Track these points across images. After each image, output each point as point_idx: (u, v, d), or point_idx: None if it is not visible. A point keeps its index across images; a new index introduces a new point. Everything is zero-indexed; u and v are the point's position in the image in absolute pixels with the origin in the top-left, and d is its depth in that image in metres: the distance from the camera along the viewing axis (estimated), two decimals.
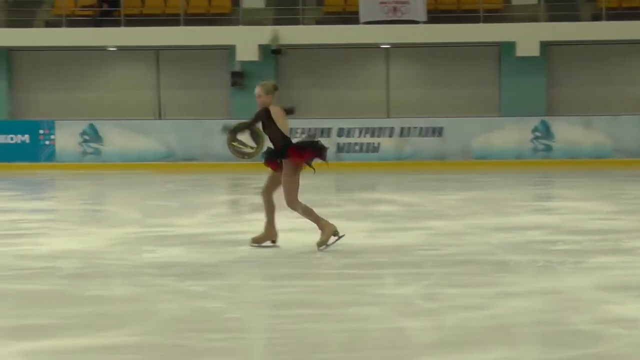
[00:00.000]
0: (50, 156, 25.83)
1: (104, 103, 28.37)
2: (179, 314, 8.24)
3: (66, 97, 28.45)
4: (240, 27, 27.33)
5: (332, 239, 11.39)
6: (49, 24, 28.10)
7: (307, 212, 11.46)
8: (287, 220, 13.64)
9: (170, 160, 25.74)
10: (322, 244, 11.34)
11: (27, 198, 19.43)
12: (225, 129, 12.13)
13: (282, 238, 11.91)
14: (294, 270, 10.43)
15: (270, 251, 11.62)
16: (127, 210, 16.60)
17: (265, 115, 11.62)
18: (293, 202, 11.40)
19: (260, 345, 7.54)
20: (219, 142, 25.66)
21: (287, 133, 11.62)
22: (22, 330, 7.68)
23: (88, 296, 9.05)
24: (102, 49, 27.89)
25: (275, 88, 11.71)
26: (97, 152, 25.87)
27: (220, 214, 16.66)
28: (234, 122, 12.19)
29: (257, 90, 11.73)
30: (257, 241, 11.74)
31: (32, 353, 6.94)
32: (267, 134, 11.75)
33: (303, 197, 11.61)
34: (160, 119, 27.97)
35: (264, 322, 8.27)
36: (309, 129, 25.50)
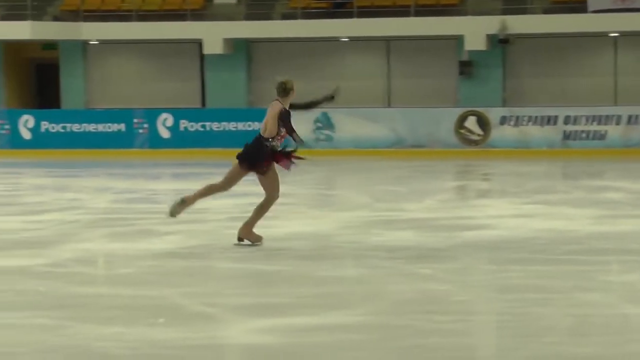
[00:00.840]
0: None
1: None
2: (406, 296, 8.25)
3: (301, 86, 28.55)
4: (469, 17, 27.13)
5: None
6: (285, 16, 28.54)
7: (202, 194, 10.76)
8: (513, 207, 13.51)
9: (399, 147, 25.76)
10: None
11: None
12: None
13: (509, 224, 11.72)
14: (521, 255, 10.28)
15: (497, 236, 11.49)
16: (358, 194, 16.72)
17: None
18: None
19: (487, 328, 7.48)
20: (446, 130, 25.62)
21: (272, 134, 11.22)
22: (259, 308, 7.82)
23: (320, 276, 9.16)
24: (335, 39, 28.15)
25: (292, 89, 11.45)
26: (329, 139, 26.14)
27: (448, 199, 16.58)
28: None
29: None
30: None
31: (269, 330, 7.06)
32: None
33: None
34: (389, 107, 28.06)
35: (491, 305, 8.19)
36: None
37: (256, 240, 10.60)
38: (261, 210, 10.68)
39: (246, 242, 10.59)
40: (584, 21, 26.51)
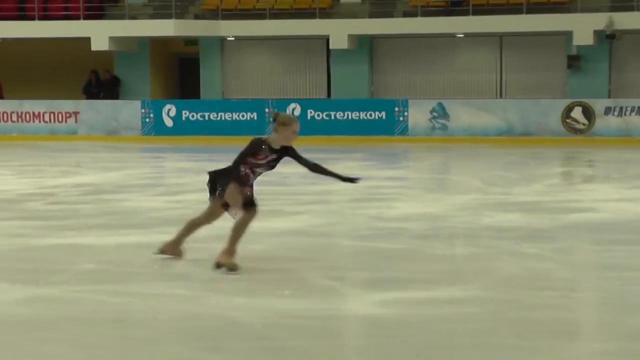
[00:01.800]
0: (404, 131, 26.20)
1: (452, 84, 28.51)
2: (514, 273, 8.20)
3: (419, 78, 28.78)
4: (578, 14, 26.69)
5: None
6: (406, 14, 28.44)
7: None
8: (615, 191, 13.29)
9: (509, 135, 25.52)
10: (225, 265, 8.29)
11: (382, 167, 19.82)
12: None
13: (612, 207, 11.52)
14: (623, 237, 10.13)
15: (600, 218, 11.33)
16: (470, 179, 16.63)
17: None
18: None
19: (588, 304, 7.40)
20: (555, 119, 25.29)
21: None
22: (378, 282, 7.86)
23: (434, 254, 9.15)
24: (452, 35, 27.97)
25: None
26: (444, 128, 26.01)
27: (555, 184, 16.40)
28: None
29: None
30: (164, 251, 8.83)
31: (387, 302, 7.09)
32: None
33: None
34: (501, 98, 27.80)
35: (593, 282, 8.10)
36: None
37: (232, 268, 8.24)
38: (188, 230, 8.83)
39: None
40: None
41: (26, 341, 6.20)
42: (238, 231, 8.22)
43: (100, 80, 29.74)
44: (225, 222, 8.38)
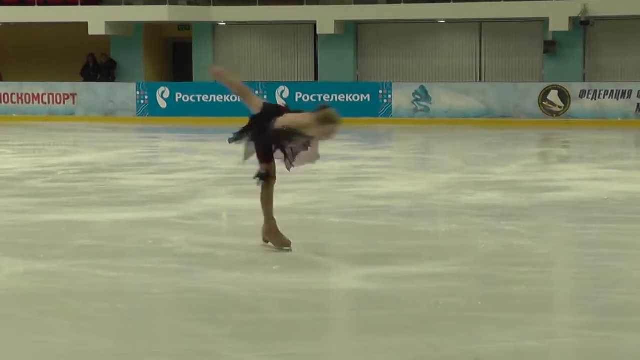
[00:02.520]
0: (387, 113, 26.17)
1: (434, 68, 28.48)
2: (492, 249, 8.20)
3: (402, 62, 28.73)
4: (554, 1, 26.66)
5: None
6: (390, 0, 28.38)
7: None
8: (590, 171, 13.29)
9: (488, 117, 25.51)
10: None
11: (367, 148, 19.80)
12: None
13: (586, 186, 11.54)
14: (596, 215, 10.13)
15: (575, 197, 11.33)
16: (451, 159, 16.62)
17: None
18: None
19: (563, 279, 7.40)
20: (532, 102, 25.28)
21: None
22: (363, 257, 7.84)
23: (417, 231, 9.14)
24: (434, 21, 27.91)
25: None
26: (426, 110, 25.98)
27: (532, 164, 16.40)
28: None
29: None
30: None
31: (372, 277, 7.08)
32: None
33: None
34: (481, 81, 27.78)
35: (568, 258, 8.10)
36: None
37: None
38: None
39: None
40: None
41: (26, 313, 6.17)
42: (264, 204, 7.96)
43: (97, 64, 29.63)
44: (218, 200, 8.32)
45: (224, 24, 29.11)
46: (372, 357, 5.24)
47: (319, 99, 26.23)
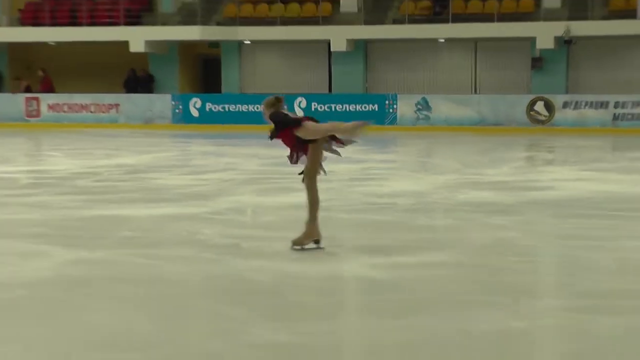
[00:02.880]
0: (393, 121, 26.18)
1: (434, 81, 28.48)
2: (485, 241, 8.21)
3: (406, 76, 28.74)
4: (540, 22, 26.65)
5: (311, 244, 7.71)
6: (395, 21, 28.36)
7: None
8: (572, 173, 13.27)
9: (482, 125, 25.50)
10: (298, 244, 7.68)
11: (375, 152, 19.79)
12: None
13: (569, 186, 11.54)
14: (578, 211, 10.13)
15: (558, 195, 11.33)
16: (450, 162, 16.63)
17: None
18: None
19: (547, 267, 7.42)
20: (520, 112, 25.26)
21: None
22: (369, 249, 7.87)
23: (418, 225, 9.17)
24: (434, 40, 27.90)
25: (277, 100, 7.69)
26: (426, 119, 25.97)
27: (520, 166, 16.40)
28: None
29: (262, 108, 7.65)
30: (299, 243, 7.70)
31: (377, 266, 7.11)
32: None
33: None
34: (476, 94, 27.75)
35: (551, 249, 8.11)
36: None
37: (315, 241, 7.72)
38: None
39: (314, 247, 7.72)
40: (634, 26, 25.91)
41: (75, 296, 6.23)
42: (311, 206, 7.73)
43: (137, 77, 29.72)
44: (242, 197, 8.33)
45: (249, 42, 29.16)
46: (378, 335, 5.28)
47: (332, 109, 26.26)
